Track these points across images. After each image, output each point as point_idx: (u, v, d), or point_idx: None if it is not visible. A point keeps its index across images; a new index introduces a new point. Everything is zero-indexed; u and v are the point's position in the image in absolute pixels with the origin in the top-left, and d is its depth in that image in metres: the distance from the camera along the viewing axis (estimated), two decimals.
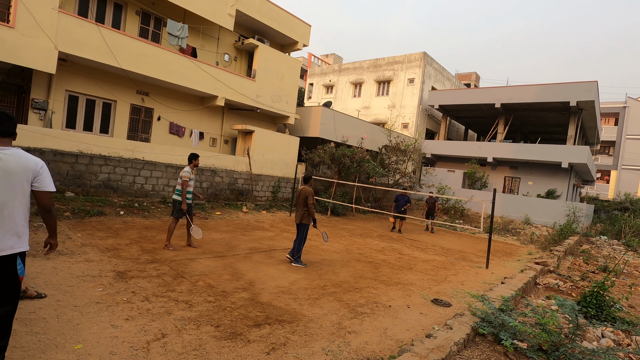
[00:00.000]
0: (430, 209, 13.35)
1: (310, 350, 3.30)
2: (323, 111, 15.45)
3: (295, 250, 6.28)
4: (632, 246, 14.24)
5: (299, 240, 6.30)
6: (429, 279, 6.47)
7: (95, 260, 5.00)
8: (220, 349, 3.12)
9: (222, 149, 14.11)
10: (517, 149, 18.85)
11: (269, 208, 12.56)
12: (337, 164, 14.40)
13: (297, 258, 6.26)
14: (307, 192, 6.31)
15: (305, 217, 6.34)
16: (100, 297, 3.87)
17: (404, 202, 12.12)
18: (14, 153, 2.30)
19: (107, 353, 2.84)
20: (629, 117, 31.27)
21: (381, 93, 23.86)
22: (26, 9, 8.37)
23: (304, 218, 6.34)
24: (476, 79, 33.15)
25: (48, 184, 2.40)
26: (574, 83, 17.04)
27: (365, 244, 9.08)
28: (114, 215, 8.19)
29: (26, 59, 8.49)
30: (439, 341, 3.45)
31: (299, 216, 6.36)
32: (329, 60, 36.88)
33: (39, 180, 2.35)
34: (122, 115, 11.36)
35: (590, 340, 4.42)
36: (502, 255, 10.13)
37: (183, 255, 5.91)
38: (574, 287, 7.04)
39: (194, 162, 6.42)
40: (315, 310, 4.27)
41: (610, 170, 32.39)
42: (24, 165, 2.31)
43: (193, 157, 6.43)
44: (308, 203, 6.25)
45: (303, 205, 6.32)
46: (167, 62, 10.97)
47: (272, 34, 14.75)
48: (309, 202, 6.25)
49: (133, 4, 11.34)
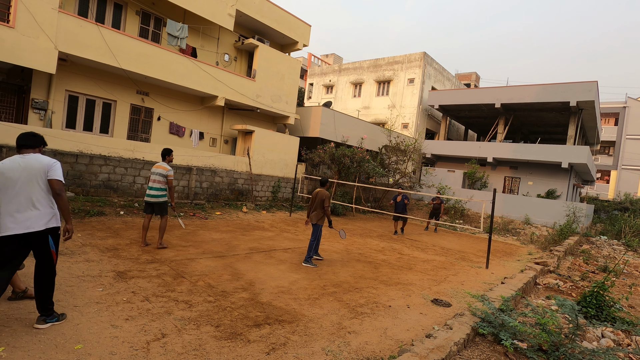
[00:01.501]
0: (435, 209, 13.29)
1: (310, 350, 3.30)
2: (323, 111, 15.45)
3: (309, 250, 6.47)
4: (632, 246, 14.24)
5: (313, 239, 6.52)
6: (429, 279, 6.47)
7: (95, 260, 5.00)
8: (220, 349, 3.12)
9: (222, 149, 14.11)
10: (517, 149, 18.85)
11: (269, 208, 12.56)
12: (337, 164, 14.40)
13: (309, 258, 6.39)
14: (324, 195, 6.54)
15: (321, 219, 6.59)
16: (100, 297, 3.87)
17: (402, 201, 11.75)
18: (34, 156, 3.12)
19: (107, 353, 2.84)
20: (629, 117, 31.27)
21: (381, 93, 23.86)
22: (26, 9, 8.38)
23: (320, 219, 6.58)
24: (476, 79, 33.15)
25: (57, 174, 3.11)
26: (574, 83, 17.04)
27: (365, 244, 9.08)
28: (114, 215, 8.19)
29: (26, 59, 8.50)
30: (439, 341, 3.45)
31: (314, 217, 6.57)
32: (329, 60, 36.88)
33: (50, 172, 3.09)
34: (122, 115, 11.37)
35: (590, 340, 4.42)
36: (502, 255, 10.13)
37: (183, 255, 5.91)
38: (574, 287, 7.04)
39: (168, 157, 6.27)
40: (315, 310, 4.27)
41: (610, 170, 32.39)
42: (40, 162, 3.08)
43: (167, 153, 6.26)
44: (325, 206, 6.47)
45: (320, 207, 6.54)
46: (167, 62, 10.97)
47: (272, 34, 14.75)
48: (325, 205, 6.47)
49: (133, 4, 11.34)
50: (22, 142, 3.15)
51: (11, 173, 3.00)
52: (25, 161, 3.05)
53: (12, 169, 3.01)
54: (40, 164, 3.06)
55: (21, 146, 3.15)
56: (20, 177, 3.00)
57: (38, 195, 3.04)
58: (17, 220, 2.96)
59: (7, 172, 3.00)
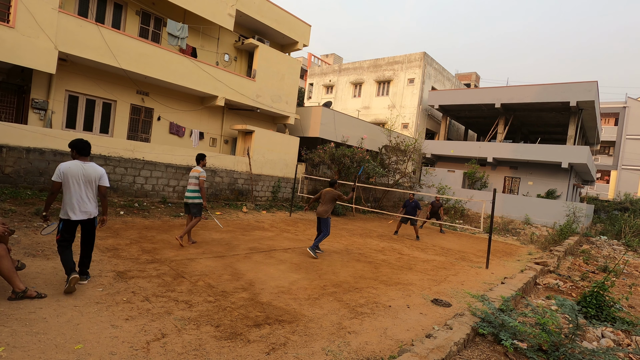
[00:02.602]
0: (434, 211, 13.17)
1: (310, 350, 3.30)
2: (323, 111, 15.45)
3: (317, 240, 7.03)
4: (632, 246, 14.24)
5: (326, 232, 7.09)
6: (429, 279, 6.47)
7: (95, 260, 4.99)
8: (220, 349, 3.12)
9: (222, 149, 14.11)
10: (517, 149, 18.85)
11: (269, 208, 12.56)
12: (337, 164, 14.40)
13: (315, 247, 6.96)
14: (335, 193, 7.20)
15: (327, 213, 7.11)
16: (100, 297, 3.87)
17: (411, 207, 11.25)
18: (91, 165, 4.13)
19: (107, 353, 2.84)
20: (629, 117, 31.27)
21: (381, 93, 23.87)
22: (26, 9, 8.38)
23: (326, 213, 7.10)
24: (476, 79, 33.15)
25: (105, 182, 4.22)
26: (574, 83, 17.04)
27: (365, 244, 9.08)
28: (114, 215, 8.19)
29: (26, 59, 8.50)
30: (439, 341, 3.45)
31: (324, 212, 7.08)
32: (329, 60, 36.87)
33: (101, 180, 4.18)
34: (122, 115, 11.37)
35: (590, 340, 4.42)
36: (502, 255, 10.13)
37: (183, 255, 5.91)
38: (574, 287, 7.05)
39: (202, 162, 6.81)
40: (315, 310, 4.27)
41: (610, 170, 32.40)
42: (95, 171, 4.13)
43: (201, 158, 6.82)
44: (341, 199, 7.30)
45: (330, 202, 7.16)
46: (167, 62, 10.97)
47: (272, 34, 14.75)
48: (340, 199, 7.30)
49: (133, 4, 11.34)
50: (81, 150, 4.08)
51: (76, 175, 3.98)
52: (86, 170, 4.06)
53: (77, 172, 4.00)
54: (95, 174, 4.12)
55: (81, 151, 4.08)
56: (81, 179, 4.01)
57: (92, 195, 4.13)
58: (80, 210, 4.02)
59: (73, 174, 3.96)
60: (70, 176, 3.94)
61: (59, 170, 3.94)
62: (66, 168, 3.96)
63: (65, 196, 3.97)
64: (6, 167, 7.91)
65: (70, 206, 3.96)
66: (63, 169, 3.94)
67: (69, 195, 3.95)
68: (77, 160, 4.03)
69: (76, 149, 4.04)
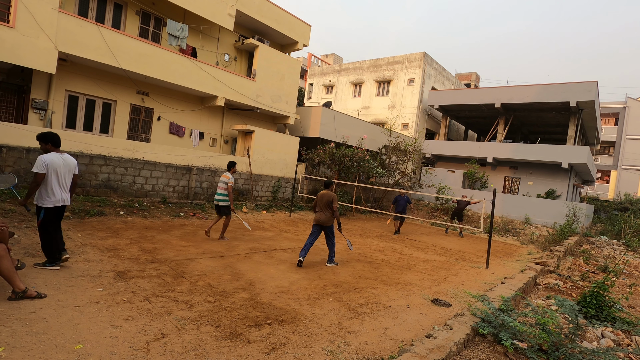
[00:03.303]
0: (459, 210, 12.85)
1: (310, 350, 3.30)
2: (323, 111, 15.44)
3: (331, 253, 6.60)
4: (632, 246, 14.24)
5: (331, 242, 6.64)
6: (429, 279, 6.47)
7: (95, 260, 5.00)
8: (220, 349, 3.12)
9: (222, 149, 14.11)
10: (517, 149, 18.86)
11: (269, 208, 12.56)
12: (337, 164, 14.40)
13: (332, 259, 6.59)
14: (330, 196, 6.49)
15: (331, 220, 6.54)
16: (100, 297, 3.87)
17: (403, 202, 11.74)
18: (67, 156, 4.57)
19: (107, 353, 2.84)
20: (629, 117, 31.28)
21: (381, 93, 23.87)
22: (26, 9, 8.37)
23: (330, 220, 6.52)
24: (476, 79, 33.15)
25: (77, 171, 4.71)
26: (574, 83, 17.04)
27: (365, 244, 9.08)
28: (114, 215, 8.19)
29: (26, 59, 8.49)
30: (439, 341, 3.45)
31: (325, 220, 6.45)
32: (329, 60, 36.87)
33: (76, 169, 4.67)
34: (122, 115, 11.37)
35: (590, 340, 4.42)
36: (502, 255, 10.13)
37: (183, 255, 5.91)
38: (574, 287, 7.05)
39: (233, 169, 7.53)
40: (315, 310, 4.27)
41: (610, 171, 32.40)
42: (73, 162, 4.61)
43: (232, 165, 7.56)
44: (333, 207, 6.43)
45: (327, 208, 6.47)
46: (167, 62, 10.97)
47: (272, 34, 14.75)
48: (334, 206, 6.42)
49: (133, 4, 11.34)
50: (56, 143, 4.45)
51: (59, 166, 4.37)
52: (66, 160, 4.49)
53: (59, 163, 4.38)
54: (74, 164, 4.59)
55: (56, 143, 4.44)
56: (63, 169, 4.42)
57: (69, 183, 4.57)
58: (62, 198, 4.43)
59: (56, 165, 4.34)
60: (54, 167, 4.29)
61: (43, 162, 4.22)
62: (49, 160, 4.27)
63: (47, 186, 4.28)
64: (6, 167, 7.91)
65: (52, 194, 4.32)
66: (47, 161, 4.25)
67: (51, 185, 4.29)
68: (56, 152, 4.40)
69: (52, 142, 4.37)
